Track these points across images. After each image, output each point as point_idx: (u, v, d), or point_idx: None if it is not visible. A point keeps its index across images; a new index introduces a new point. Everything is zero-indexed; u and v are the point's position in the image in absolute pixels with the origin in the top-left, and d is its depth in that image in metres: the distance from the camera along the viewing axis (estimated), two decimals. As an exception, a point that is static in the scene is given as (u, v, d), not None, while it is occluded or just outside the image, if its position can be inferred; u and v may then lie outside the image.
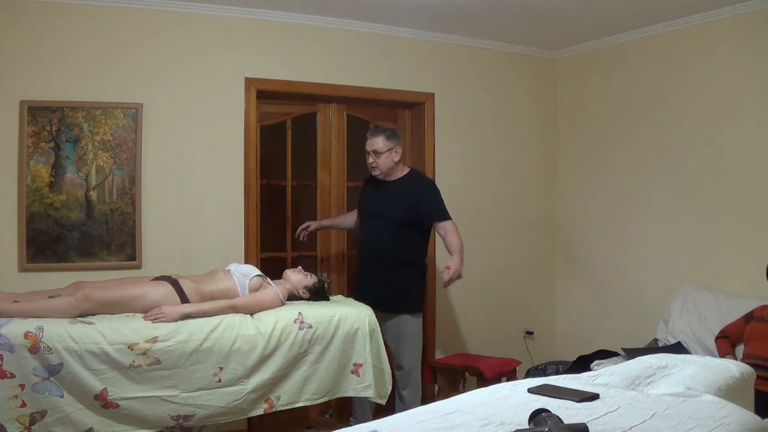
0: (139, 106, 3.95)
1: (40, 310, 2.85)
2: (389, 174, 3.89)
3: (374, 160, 3.84)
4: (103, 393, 2.80)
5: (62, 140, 3.81)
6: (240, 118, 4.24)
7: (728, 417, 2.11)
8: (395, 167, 3.90)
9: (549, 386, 2.43)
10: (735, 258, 4.15)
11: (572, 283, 5.25)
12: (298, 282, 3.53)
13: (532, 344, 5.18)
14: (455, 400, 2.34)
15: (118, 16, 3.92)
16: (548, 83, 5.33)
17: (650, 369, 2.61)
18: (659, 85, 4.58)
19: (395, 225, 3.82)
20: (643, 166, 4.70)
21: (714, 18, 4.20)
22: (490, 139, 5.08)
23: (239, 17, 4.22)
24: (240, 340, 3.06)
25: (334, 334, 3.29)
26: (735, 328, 3.73)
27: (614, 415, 2.11)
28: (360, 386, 3.36)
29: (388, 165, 3.86)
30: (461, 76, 4.96)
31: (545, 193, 5.32)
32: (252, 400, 3.11)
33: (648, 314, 4.53)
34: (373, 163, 3.85)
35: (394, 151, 3.84)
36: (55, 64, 3.80)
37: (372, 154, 3.84)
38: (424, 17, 4.45)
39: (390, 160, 3.85)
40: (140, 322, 2.94)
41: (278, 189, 4.56)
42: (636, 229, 4.75)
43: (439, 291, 4.86)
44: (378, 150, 3.82)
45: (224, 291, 3.28)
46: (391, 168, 3.88)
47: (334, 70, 4.51)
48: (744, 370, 2.66)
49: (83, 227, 3.84)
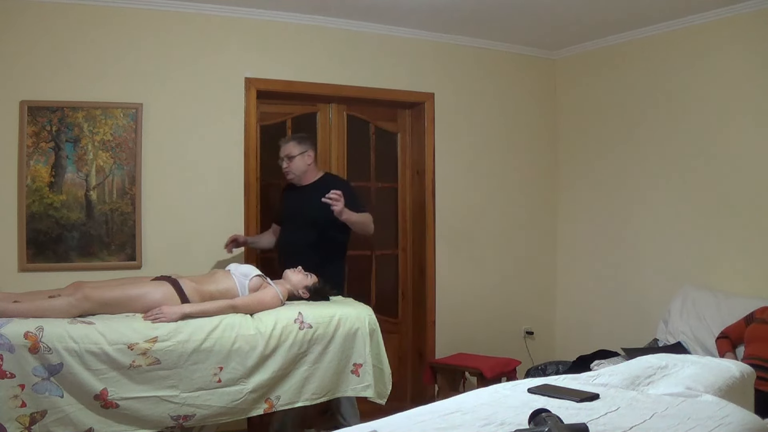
0: (139, 106, 3.95)
1: (40, 310, 2.85)
2: (303, 178, 3.97)
3: (288, 165, 3.93)
4: (103, 393, 2.79)
5: (62, 140, 3.81)
6: (240, 118, 4.24)
7: (728, 417, 2.11)
8: (308, 170, 3.98)
9: (549, 386, 2.43)
10: (735, 258, 4.15)
11: (572, 283, 5.25)
12: (298, 282, 3.52)
13: (532, 344, 5.18)
14: (455, 400, 2.34)
15: (118, 16, 3.93)
16: (548, 83, 5.33)
17: (650, 369, 2.61)
18: (659, 85, 4.58)
19: (314, 226, 3.85)
20: (643, 165, 4.70)
21: (714, 18, 4.20)
22: (490, 139, 5.08)
23: (239, 17, 4.22)
24: (240, 340, 3.06)
25: (334, 334, 3.29)
26: (735, 329, 3.73)
27: (614, 415, 2.11)
28: (360, 386, 3.36)
29: (301, 168, 3.94)
30: (461, 76, 4.97)
31: (545, 192, 5.31)
32: (252, 400, 3.10)
33: (648, 314, 4.53)
34: (287, 168, 3.94)
35: (306, 154, 3.94)
36: (55, 64, 3.80)
37: (285, 159, 3.93)
38: (424, 17, 4.45)
39: (303, 164, 3.94)
40: (140, 322, 2.94)
41: (278, 189, 4.56)
42: (636, 228, 4.75)
43: (440, 291, 4.87)
44: (291, 154, 3.92)
45: (224, 291, 3.28)
46: (304, 171, 3.96)
47: (334, 70, 4.51)
48: (744, 370, 2.66)
49: (83, 227, 3.84)
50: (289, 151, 3.93)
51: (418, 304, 4.94)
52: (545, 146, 5.31)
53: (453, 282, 4.92)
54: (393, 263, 5.00)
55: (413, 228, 4.98)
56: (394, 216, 5.00)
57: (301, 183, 3.98)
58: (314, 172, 4.02)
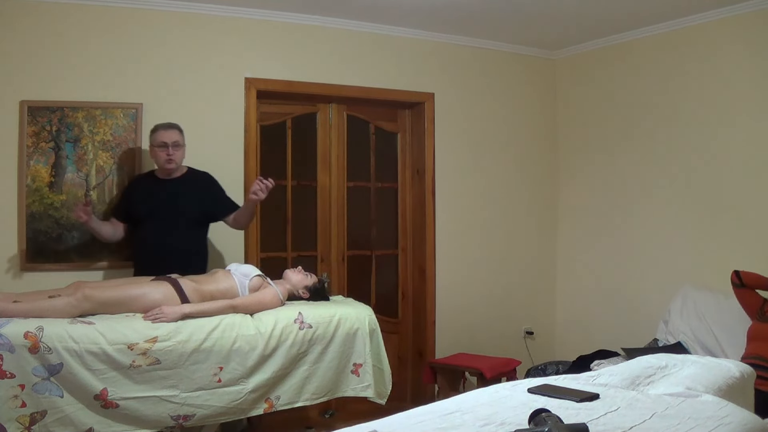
0: (139, 106, 3.95)
1: (40, 310, 2.85)
2: (177, 170, 3.72)
3: (173, 152, 3.62)
4: (103, 393, 2.80)
5: (62, 140, 3.81)
6: (240, 118, 4.24)
7: (728, 417, 2.11)
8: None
9: (549, 386, 2.43)
10: (735, 258, 4.14)
11: (572, 283, 5.25)
12: (298, 282, 3.53)
13: (532, 344, 5.18)
14: (455, 400, 2.35)
15: (118, 17, 3.92)
16: (548, 83, 5.32)
17: (650, 369, 2.61)
18: (659, 85, 4.58)
19: (188, 223, 3.70)
20: (643, 165, 4.70)
21: (714, 18, 4.20)
22: (490, 139, 5.08)
23: (239, 17, 4.22)
24: (240, 340, 3.07)
25: (334, 334, 3.29)
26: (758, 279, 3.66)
27: (614, 415, 2.11)
28: (360, 386, 3.36)
29: (182, 159, 3.72)
30: (461, 76, 4.97)
31: (545, 192, 5.31)
32: (252, 400, 3.11)
33: (648, 314, 4.53)
34: (172, 156, 3.62)
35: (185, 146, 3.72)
36: (55, 64, 3.80)
37: (171, 146, 3.61)
38: (424, 17, 4.45)
39: (183, 155, 3.70)
40: (140, 322, 2.94)
41: (278, 189, 4.55)
42: (636, 228, 4.75)
43: (440, 291, 4.87)
44: (178, 142, 3.65)
45: (224, 291, 3.28)
46: (181, 163, 3.73)
47: (334, 70, 4.51)
48: (744, 370, 2.66)
49: (83, 227, 3.83)
50: (177, 137, 3.65)
51: (418, 304, 4.94)
52: (545, 146, 5.31)
53: (453, 282, 4.92)
54: (393, 263, 5.00)
55: (413, 228, 4.98)
56: (394, 216, 5.00)
57: (171, 176, 3.70)
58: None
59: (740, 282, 3.67)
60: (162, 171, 3.72)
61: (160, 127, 3.68)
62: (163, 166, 3.67)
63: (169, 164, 3.65)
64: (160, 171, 3.74)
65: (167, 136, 3.63)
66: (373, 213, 4.94)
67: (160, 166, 3.70)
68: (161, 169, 3.71)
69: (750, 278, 3.65)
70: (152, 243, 3.64)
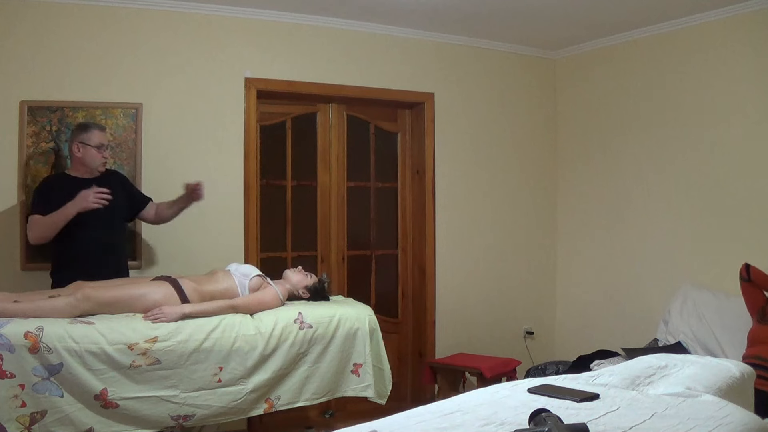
0: (139, 106, 3.95)
1: (40, 310, 2.85)
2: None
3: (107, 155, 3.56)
4: (103, 393, 2.79)
5: (62, 140, 3.80)
6: (240, 118, 4.24)
7: (728, 417, 2.11)
8: None
9: (549, 386, 2.43)
10: (735, 258, 4.13)
11: (572, 283, 5.25)
12: (298, 282, 3.52)
13: (532, 344, 5.18)
14: (455, 400, 2.34)
15: (118, 16, 3.92)
16: (548, 83, 5.33)
17: (650, 369, 2.61)
18: (659, 84, 4.58)
19: (119, 220, 3.64)
20: (643, 165, 4.70)
21: (714, 18, 4.20)
22: (490, 138, 5.08)
23: (239, 17, 4.22)
24: (240, 340, 3.06)
25: (334, 334, 3.29)
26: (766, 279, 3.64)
27: (614, 415, 2.11)
28: (360, 386, 3.36)
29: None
30: (461, 76, 4.97)
31: (545, 192, 5.32)
32: (252, 400, 3.10)
33: (648, 314, 4.53)
34: (107, 158, 3.56)
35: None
36: (55, 64, 3.80)
37: (106, 147, 3.53)
38: (424, 17, 4.45)
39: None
40: (140, 322, 2.94)
41: (278, 189, 4.56)
42: (636, 228, 4.75)
43: (440, 291, 4.87)
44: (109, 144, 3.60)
45: (224, 291, 3.28)
46: None
47: (334, 70, 4.52)
48: (744, 370, 2.65)
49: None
50: (107, 139, 3.58)
51: (418, 304, 4.94)
52: (545, 146, 5.31)
53: (453, 282, 4.92)
54: (393, 263, 5.00)
55: (413, 228, 4.98)
56: (394, 216, 5.00)
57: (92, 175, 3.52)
58: None
59: (748, 277, 3.63)
60: (83, 171, 3.50)
61: (94, 126, 3.53)
62: (97, 167, 3.51)
63: (103, 166, 3.55)
64: (80, 171, 3.51)
65: (104, 138, 3.53)
66: (373, 213, 4.94)
67: (92, 166, 3.49)
68: (90, 169, 3.50)
69: (758, 275, 3.62)
70: (95, 244, 3.45)
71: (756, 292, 3.63)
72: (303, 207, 4.66)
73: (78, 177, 3.48)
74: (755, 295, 3.62)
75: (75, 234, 3.38)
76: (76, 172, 3.52)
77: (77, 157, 3.48)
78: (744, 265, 3.64)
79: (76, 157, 3.49)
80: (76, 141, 3.47)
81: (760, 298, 3.62)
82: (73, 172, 3.54)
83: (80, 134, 3.48)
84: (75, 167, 3.53)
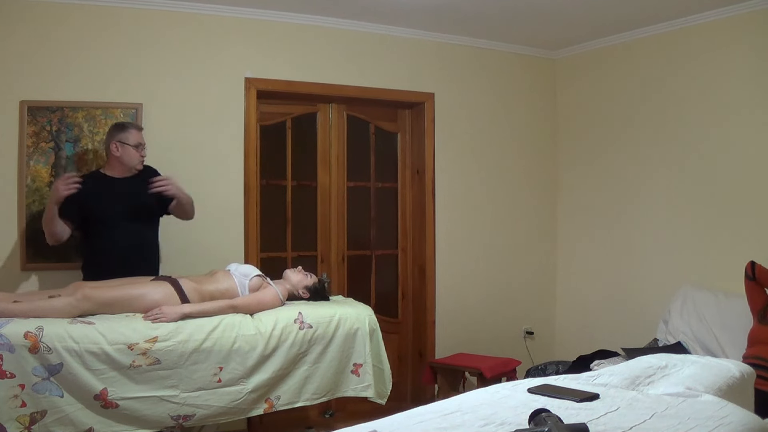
0: (139, 106, 3.95)
1: (40, 310, 2.85)
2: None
3: (145, 153, 3.57)
4: (103, 393, 2.80)
5: (62, 140, 3.81)
6: (240, 118, 4.24)
7: (728, 417, 2.11)
8: None
9: (549, 386, 2.43)
10: (735, 258, 4.14)
11: (572, 283, 5.25)
12: (298, 282, 3.53)
13: (532, 344, 5.18)
14: (455, 400, 2.34)
15: (118, 17, 3.93)
16: (548, 83, 5.33)
17: (650, 369, 2.61)
18: (659, 84, 4.58)
19: (148, 216, 3.62)
20: (643, 165, 4.70)
21: (714, 18, 4.20)
22: (489, 139, 5.08)
23: (239, 17, 4.22)
24: (240, 340, 3.06)
25: (334, 334, 3.29)
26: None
27: (614, 415, 2.11)
28: (360, 386, 3.36)
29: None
30: (461, 76, 4.97)
31: (545, 192, 5.32)
32: (252, 400, 3.11)
33: (648, 314, 4.53)
34: (144, 157, 3.57)
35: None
36: (55, 64, 3.80)
37: (143, 147, 3.55)
38: (424, 17, 4.45)
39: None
40: (140, 322, 2.94)
41: (278, 189, 4.56)
42: (636, 228, 4.75)
43: (440, 291, 4.87)
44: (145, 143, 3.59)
45: (224, 291, 3.28)
46: None
47: (334, 70, 4.52)
48: (744, 370, 2.65)
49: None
50: (144, 138, 3.59)
51: (418, 304, 4.94)
52: (545, 146, 5.31)
53: (453, 282, 4.92)
54: (393, 263, 5.00)
55: (413, 228, 4.98)
56: (394, 216, 5.00)
57: (130, 173, 3.56)
58: None
59: (753, 275, 3.61)
60: (120, 169, 3.53)
61: (131, 126, 3.57)
62: (135, 166, 3.55)
63: (141, 164, 3.58)
64: (116, 170, 3.54)
65: (141, 137, 3.56)
66: (373, 213, 4.94)
67: (130, 165, 3.53)
68: (128, 168, 3.53)
69: (763, 274, 3.60)
70: (122, 241, 3.47)
71: (759, 291, 3.62)
72: (303, 207, 4.66)
73: (110, 176, 3.54)
74: (758, 294, 3.62)
75: (101, 232, 3.46)
76: (111, 170, 3.56)
77: (115, 156, 3.52)
78: (749, 263, 3.63)
79: (113, 156, 3.53)
80: (114, 140, 3.52)
81: (762, 298, 3.62)
82: (108, 171, 3.57)
83: (118, 133, 3.52)
84: (111, 166, 3.57)
